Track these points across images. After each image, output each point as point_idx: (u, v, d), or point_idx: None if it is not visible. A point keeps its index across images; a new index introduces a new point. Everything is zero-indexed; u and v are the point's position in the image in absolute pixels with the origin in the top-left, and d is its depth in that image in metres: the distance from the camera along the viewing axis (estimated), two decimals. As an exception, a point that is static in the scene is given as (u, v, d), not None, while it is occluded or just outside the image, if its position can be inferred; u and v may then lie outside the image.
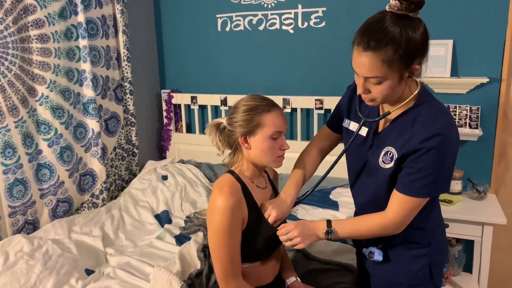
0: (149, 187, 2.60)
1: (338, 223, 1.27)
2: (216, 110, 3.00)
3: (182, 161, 2.94)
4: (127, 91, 2.71)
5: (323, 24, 2.60)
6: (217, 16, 2.86)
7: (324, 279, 1.74)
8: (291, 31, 2.69)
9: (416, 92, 1.19)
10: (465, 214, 2.20)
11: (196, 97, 2.96)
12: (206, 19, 2.90)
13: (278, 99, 2.70)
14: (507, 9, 2.22)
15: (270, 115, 1.37)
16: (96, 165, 2.50)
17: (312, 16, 2.61)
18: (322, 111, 2.62)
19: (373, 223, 1.24)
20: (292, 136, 2.81)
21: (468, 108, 2.36)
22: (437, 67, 2.37)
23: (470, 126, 2.35)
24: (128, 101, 2.73)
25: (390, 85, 1.14)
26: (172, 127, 3.09)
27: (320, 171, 1.51)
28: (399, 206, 1.20)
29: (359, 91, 1.19)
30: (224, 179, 1.39)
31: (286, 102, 2.69)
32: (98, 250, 2.07)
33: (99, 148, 2.48)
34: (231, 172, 1.41)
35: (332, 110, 2.57)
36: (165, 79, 3.17)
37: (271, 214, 1.34)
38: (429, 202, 1.23)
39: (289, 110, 2.70)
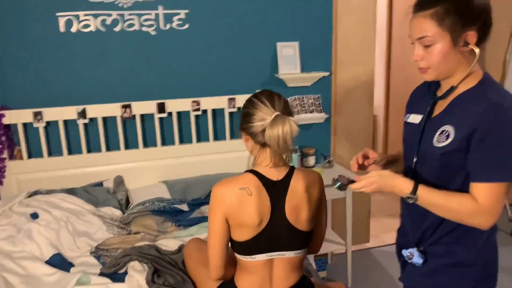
0: (20, 232, 2.01)
1: (425, 190, 1.15)
2: (67, 125, 2.53)
3: (40, 192, 2.36)
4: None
5: (187, 26, 2.61)
6: (57, 14, 2.41)
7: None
8: (153, 33, 2.57)
9: (475, 61, 1.14)
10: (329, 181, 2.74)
11: (41, 112, 2.41)
12: (41, 18, 2.39)
13: (149, 105, 2.56)
14: (331, 19, 2.87)
15: None
16: None
17: (175, 18, 2.58)
18: (199, 112, 2.65)
19: (464, 204, 1.11)
20: (168, 142, 2.71)
21: (312, 97, 2.92)
22: (289, 65, 2.82)
23: (317, 112, 2.92)
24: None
25: (441, 49, 1.12)
26: (5, 154, 2.41)
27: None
28: (487, 195, 1.09)
29: (413, 57, 1.18)
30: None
31: (160, 107, 2.57)
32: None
33: None
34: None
35: (208, 111, 2.66)
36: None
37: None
38: None
39: (165, 115, 2.59)
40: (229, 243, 1.46)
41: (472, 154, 1.10)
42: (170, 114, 2.62)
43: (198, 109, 2.64)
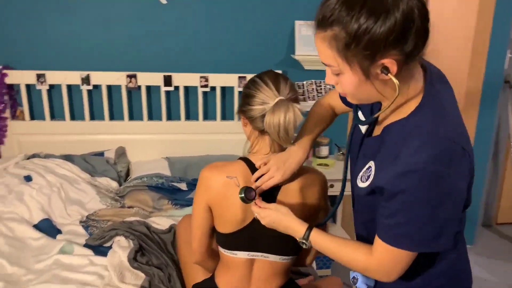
0: (11, 193, 1.97)
1: (319, 236, 1.04)
2: (70, 90, 2.46)
3: (38, 156, 2.31)
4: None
5: (202, -5, 2.47)
6: (65, -26, 2.32)
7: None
8: (164, 2, 2.44)
9: (396, 96, 0.85)
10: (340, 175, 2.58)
11: (44, 74, 2.35)
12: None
13: (155, 77, 2.46)
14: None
15: None
16: None
17: (189, -13, 2.45)
18: (207, 89, 2.53)
19: (355, 257, 0.99)
20: (174, 116, 2.61)
21: (330, 82, 2.75)
22: (307, 46, 2.65)
23: (334, 98, 2.75)
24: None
25: (350, 81, 0.85)
26: (7, 114, 2.37)
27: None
28: (382, 254, 0.92)
29: (325, 79, 0.95)
30: None
31: (167, 80, 2.46)
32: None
33: None
34: None
35: (217, 88, 2.54)
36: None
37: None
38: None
39: (172, 89, 2.49)
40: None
41: (382, 205, 0.90)
42: (177, 88, 2.51)
43: (206, 86, 2.51)
